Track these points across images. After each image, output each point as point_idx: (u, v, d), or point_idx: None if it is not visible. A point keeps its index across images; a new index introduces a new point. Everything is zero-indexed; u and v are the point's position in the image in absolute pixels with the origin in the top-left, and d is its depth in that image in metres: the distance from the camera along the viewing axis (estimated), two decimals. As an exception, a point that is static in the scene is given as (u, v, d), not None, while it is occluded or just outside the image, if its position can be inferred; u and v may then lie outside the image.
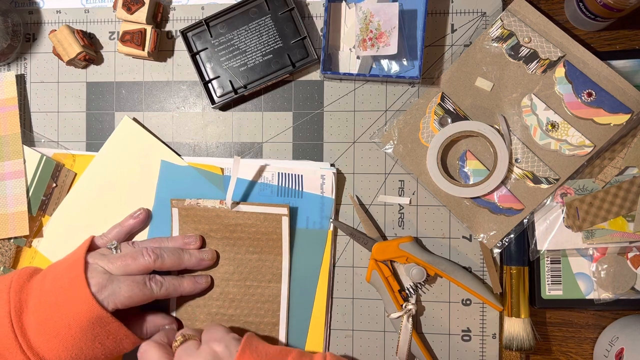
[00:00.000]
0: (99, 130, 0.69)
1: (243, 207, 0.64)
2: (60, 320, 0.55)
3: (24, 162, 0.67)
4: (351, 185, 0.66)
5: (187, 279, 0.63)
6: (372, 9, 0.61)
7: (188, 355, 0.54)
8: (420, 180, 0.64)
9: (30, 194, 0.67)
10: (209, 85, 0.66)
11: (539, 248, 0.63)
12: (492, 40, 0.62)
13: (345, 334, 0.66)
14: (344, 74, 0.63)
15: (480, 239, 0.63)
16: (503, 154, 0.62)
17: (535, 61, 0.62)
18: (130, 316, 0.60)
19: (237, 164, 0.64)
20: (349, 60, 0.65)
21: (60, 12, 0.70)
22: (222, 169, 0.66)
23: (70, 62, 0.67)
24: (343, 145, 0.66)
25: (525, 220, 0.62)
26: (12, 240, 0.67)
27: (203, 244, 0.65)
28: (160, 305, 0.65)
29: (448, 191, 0.63)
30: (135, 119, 0.68)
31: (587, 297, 0.63)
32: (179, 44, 0.68)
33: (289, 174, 0.65)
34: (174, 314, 0.65)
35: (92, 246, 0.62)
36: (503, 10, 0.63)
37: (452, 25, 0.65)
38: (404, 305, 0.63)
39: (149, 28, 0.66)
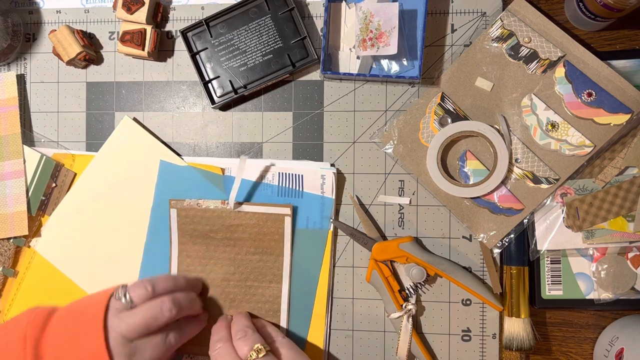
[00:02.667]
0: (99, 130, 0.69)
1: (246, 208, 0.64)
2: None
3: (24, 162, 0.67)
4: (351, 185, 0.66)
5: (194, 323, 0.62)
6: (372, 9, 0.61)
7: None
8: (420, 180, 0.64)
9: (29, 193, 0.67)
10: (209, 85, 0.66)
11: (539, 248, 0.63)
12: (492, 40, 0.62)
13: (345, 334, 0.66)
14: (344, 74, 0.63)
15: (480, 239, 0.63)
16: (503, 154, 0.62)
17: (535, 61, 0.62)
18: None
19: (242, 164, 0.64)
20: (349, 60, 0.65)
21: (60, 12, 0.70)
22: (222, 169, 0.66)
23: (70, 62, 0.67)
24: (343, 145, 0.66)
25: (525, 220, 0.62)
26: (11, 240, 0.67)
27: (205, 287, 0.65)
28: None
29: (448, 191, 0.63)
30: (135, 119, 0.68)
31: (587, 297, 0.63)
32: (179, 44, 0.68)
33: (289, 174, 0.65)
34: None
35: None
36: (503, 10, 0.64)
37: (452, 25, 0.65)
38: (404, 305, 0.63)
39: (149, 28, 0.66)
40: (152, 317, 0.55)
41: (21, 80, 0.70)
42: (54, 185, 0.67)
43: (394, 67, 0.65)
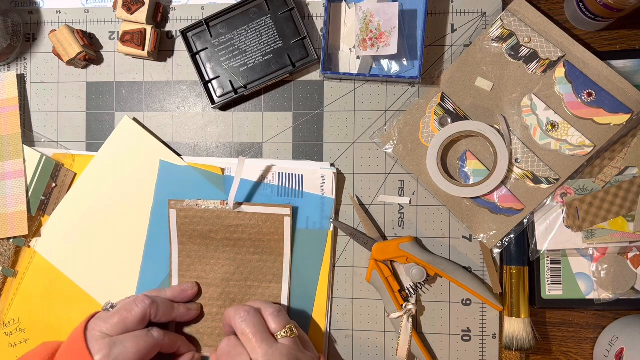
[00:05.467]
0: (99, 130, 0.69)
1: (245, 208, 0.64)
2: None
3: (24, 162, 0.67)
4: (351, 185, 0.66)
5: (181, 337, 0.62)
6: (372, 9, 0.61)
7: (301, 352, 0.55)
8: (420, 180, 0.64)
9: (29, 193, 0.67)
10: (209, 85, 0.66)
11: (539, 248, 0.63)
12: (492, 40, 0.62)
13: (345, 334, 0.66)
14: (344, 74, 0.63)
15: (480, 239, 0.63)
16: (503, 154, 0.62)
17: (535, 61, 0.62)
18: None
19: (241, 165, 0.64)
20: (349, 60, 0.65)
21: (60, 12, 0.70)
22: (222, 169, 0.66)
23: (70, 62, 0.67)
24: (343, 145, 0.66)
25: (525, 220, 0.62)
26: (11, 240, 0.67)
27: (199, 291, 0.65)
28: None
29: (448, 191, 0.63)
30: (135, 119, 0.68)
31: (587, 297, 0.63)
32: (179, 44, 0.68)
33: (289, 174, 0.65)
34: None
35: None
36: (503, 10, 0.64)
37: (452, 25, 0.65)
38: (404, 305, 0.63)
39: (149, 28, 0.66)
40: (127, 310, 0.57)
41: (21, 80, 0.70)
42: (54, 185, 0.67)
43: (394, 67, 0.65)
